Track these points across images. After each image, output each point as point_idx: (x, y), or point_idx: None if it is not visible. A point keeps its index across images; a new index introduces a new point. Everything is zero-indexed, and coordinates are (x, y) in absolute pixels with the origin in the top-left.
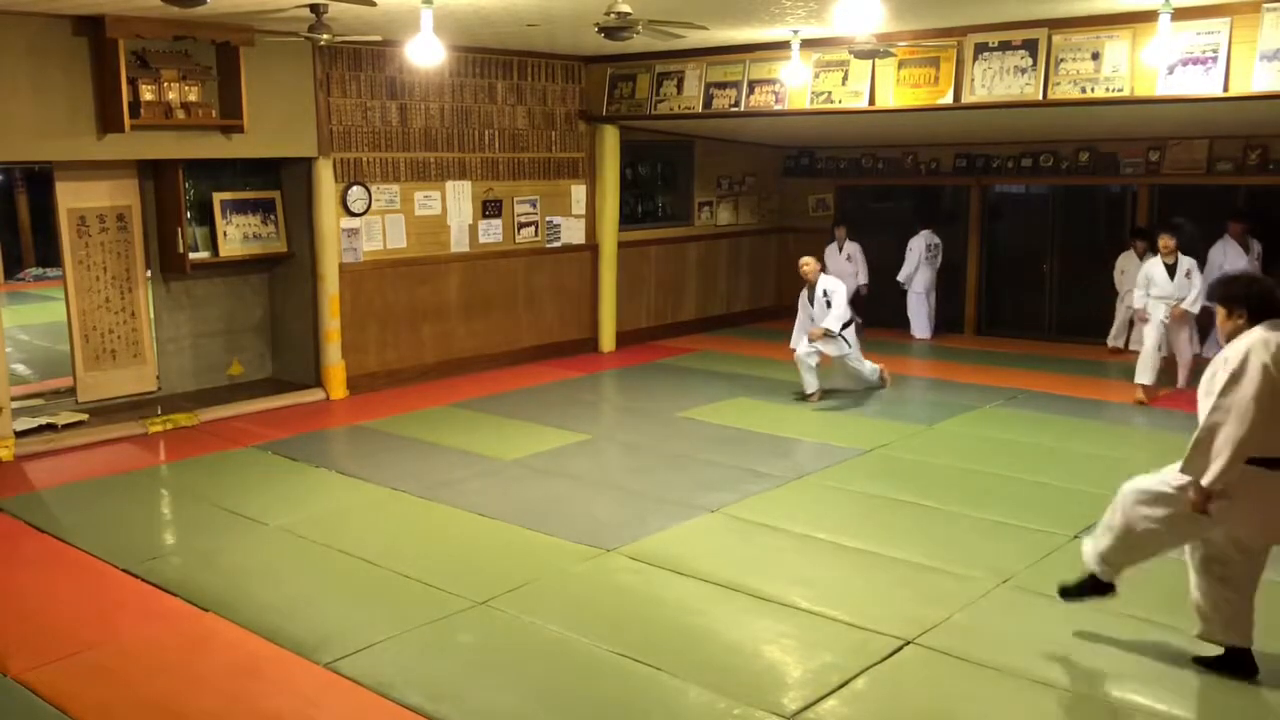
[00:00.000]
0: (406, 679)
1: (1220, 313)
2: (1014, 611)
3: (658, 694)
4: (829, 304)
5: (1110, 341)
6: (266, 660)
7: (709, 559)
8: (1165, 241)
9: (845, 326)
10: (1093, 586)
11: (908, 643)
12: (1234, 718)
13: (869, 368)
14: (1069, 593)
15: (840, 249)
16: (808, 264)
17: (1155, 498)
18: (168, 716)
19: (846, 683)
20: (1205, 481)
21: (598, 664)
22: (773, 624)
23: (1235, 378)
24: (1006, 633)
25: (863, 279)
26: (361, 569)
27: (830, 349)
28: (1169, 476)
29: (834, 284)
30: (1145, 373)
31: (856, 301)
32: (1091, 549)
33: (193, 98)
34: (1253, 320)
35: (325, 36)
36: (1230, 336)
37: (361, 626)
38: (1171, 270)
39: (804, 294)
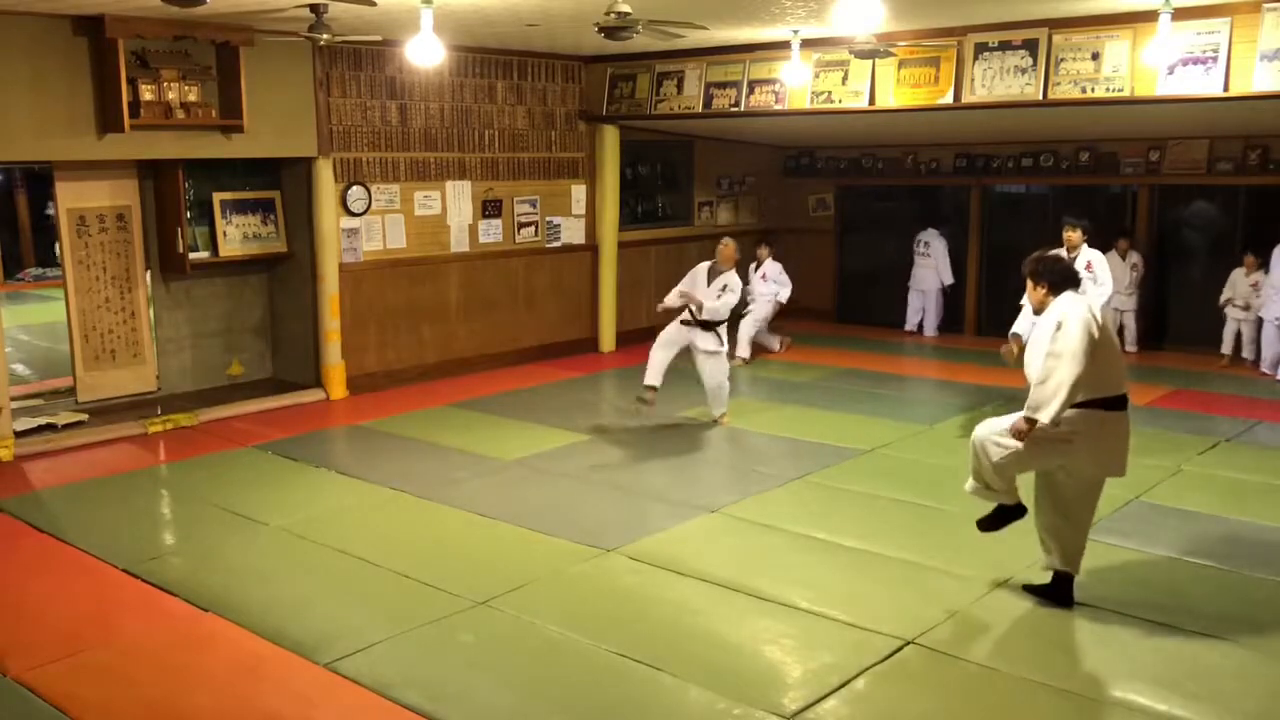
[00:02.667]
0: (406, 679)
1: (1029, 285)
2: (1014, 611)
3: (658, 694)
4: (720, 295)
5: None
6: (266, 660)
7: (709, 559)
8: (1069, 234)
9: (720, 324)
10: (1003, 513)
11: (908, 643)
12: (1235, 715)
13: (724, 394)
14: (986, 524)
15: (758, 268)
16: (728, 247)
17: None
18: (168, 716)
19: (846, 683)
20: (1045, 419)
21: (598, 664)
22: (773, 624)
23: (1061, 329)
24: (1006, 633)
25: (783, 297)
26: (361, 569)
27: (705, 342)
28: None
29: (735, 282)
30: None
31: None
32: (974, 486)
33: (193, 98)
34: (1053, 291)
35: (325, 36)
36: (1040, 305)
37: (361, 626)
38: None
39: (704, 271)
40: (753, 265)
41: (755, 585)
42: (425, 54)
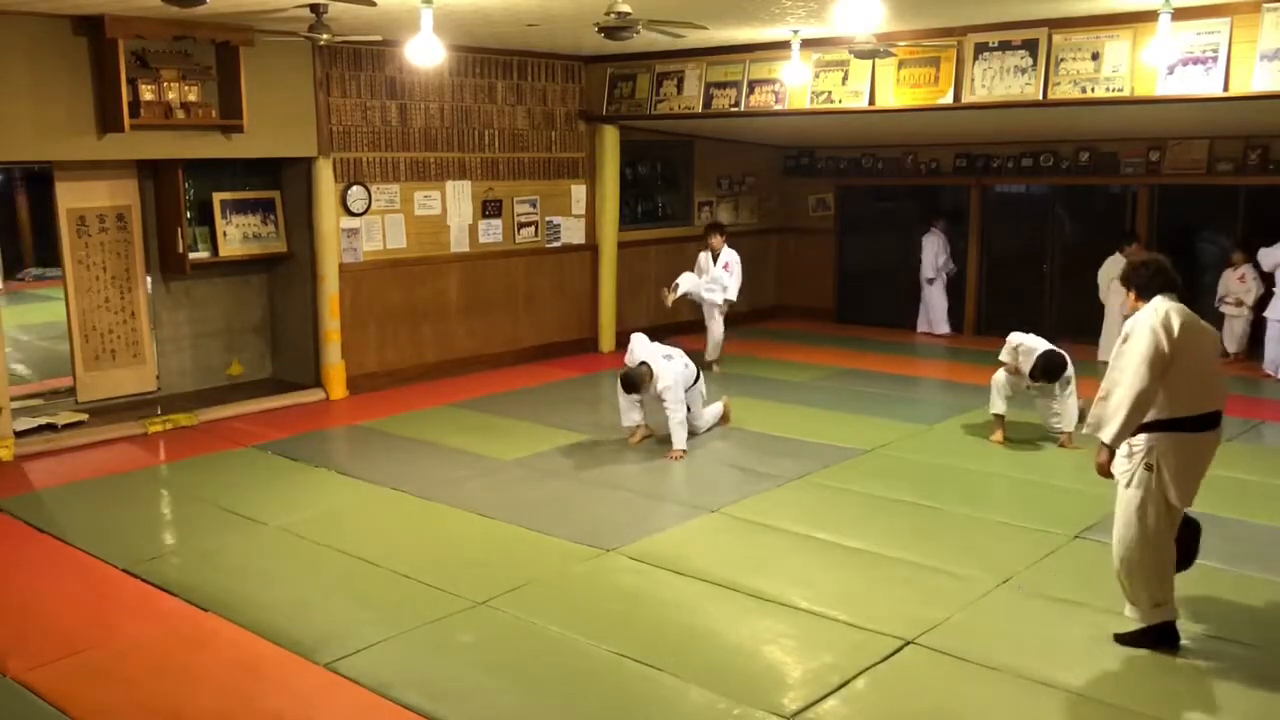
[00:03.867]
0: (406, 679)
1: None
2: (1014, 611)
3: (658, 694)
4: (663, 401)
5: (1101, 355)
6: (266, 660)
7: (709, 559)
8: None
9: (690, 386)
10: (1151, 632)
11: (908, 643)
12: (1233, 715)
13: (708, 416)
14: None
15: (715, 259)
16: (644, 375)
17: (1131, 539)
18: (168, 716)
19: (846, 683)
20: (1106, 439)
21: (598, 664)
22: (773, 624)
23: (1126, 340)
24: (1006, 633)
25: (731, 294)
26: (361, 569)
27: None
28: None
29: (667, 380)
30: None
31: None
32: (1138, 612)
33: (192, 98)
34: (1142, 295)
35: (325, 36)
36: (1132, 312)
37: (361, 626)
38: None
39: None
40: (704, 254)
41: (755, 585)
42: (425, 54)
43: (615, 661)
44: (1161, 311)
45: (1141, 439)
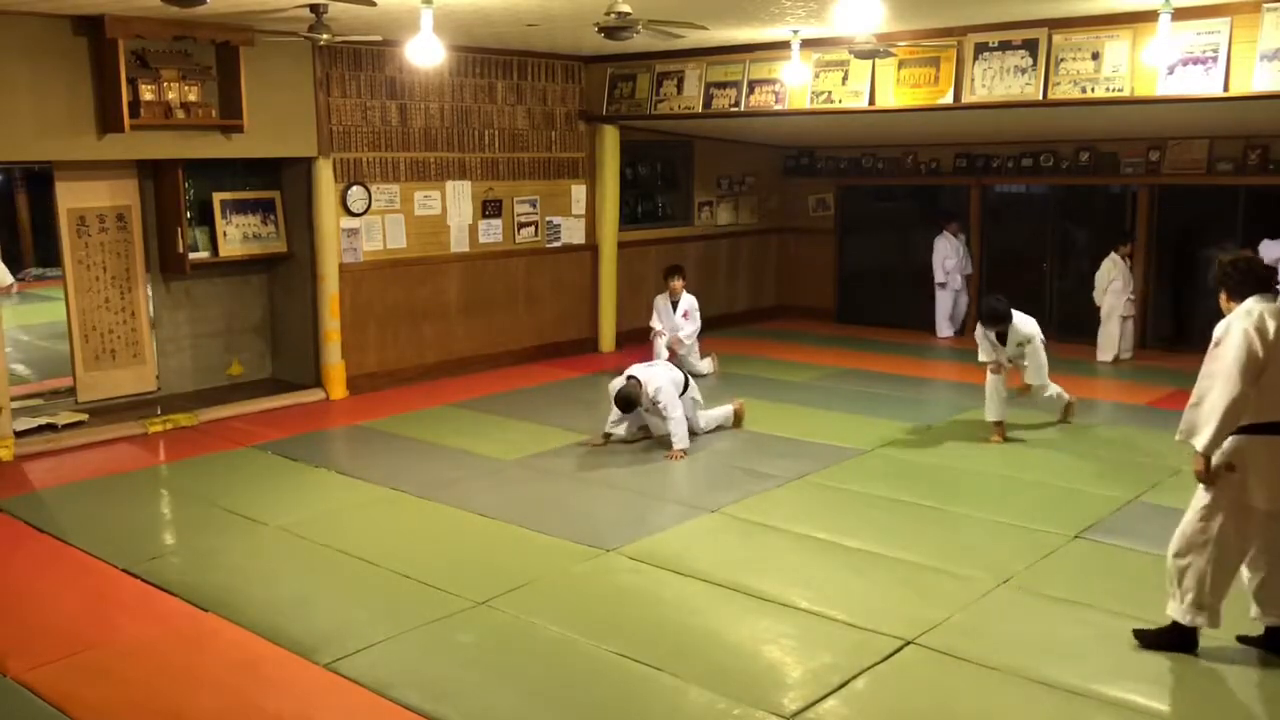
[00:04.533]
0: (406, 679)
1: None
2: (1014, 611)
3: (658, 694)
4: (658, 404)
5: (1100, 355)
6: (266, 660)
7: (709, 559)
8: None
9: (683, 391)
10: (1182, 638)
11: (908, 643)
12: (1233, 715)
13: (711, 417)
14: (1148, 640)
15: (675, 308)
16: (634, 387)
17: (1193, 534)
18: (167, 716)
19: (846, 683)
20: (1199, 447)
21: (598, 664)
22: (773, 624)
23: (1218, 344)
24: (1006, 633)
25: (687, 337)
26: (361, 569)
27: (659, 426)
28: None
29: (658, 382)
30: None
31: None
32: (1178, 609)
33: (192, 98)
34: (1233, 297)
35: (325, 36)
36: (1225, 313)
37: (361, 626)
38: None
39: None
40: (661, 298)
41: (755, 585)
42: (425, 54)
43: (615, 661)
44: (1255, 314)
45: (1226, 440)
